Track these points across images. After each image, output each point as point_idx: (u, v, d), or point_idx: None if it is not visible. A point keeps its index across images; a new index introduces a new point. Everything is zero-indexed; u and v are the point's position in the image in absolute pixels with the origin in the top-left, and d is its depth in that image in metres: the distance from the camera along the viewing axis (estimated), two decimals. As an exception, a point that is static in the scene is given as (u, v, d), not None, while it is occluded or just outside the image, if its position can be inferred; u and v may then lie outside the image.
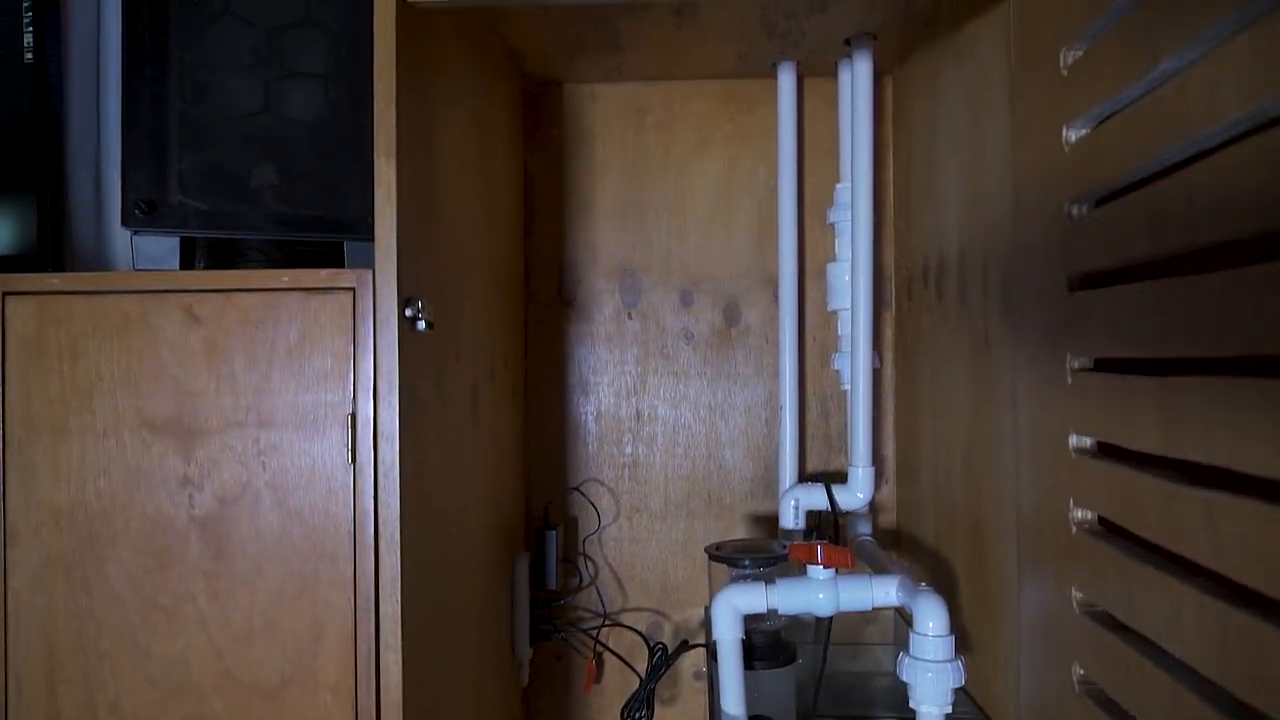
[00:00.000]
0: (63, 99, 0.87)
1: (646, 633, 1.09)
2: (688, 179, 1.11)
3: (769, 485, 1.09)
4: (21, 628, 0.70)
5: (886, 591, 0.77)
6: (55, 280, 0.71)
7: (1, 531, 0.70)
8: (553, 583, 1.06)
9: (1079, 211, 0.55)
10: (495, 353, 0.96)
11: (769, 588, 0.78)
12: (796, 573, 0.81)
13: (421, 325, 0.70)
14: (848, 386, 0.99)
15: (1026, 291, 0.63)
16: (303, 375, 0.69)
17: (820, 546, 0.77)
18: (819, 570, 0.78)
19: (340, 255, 0.77)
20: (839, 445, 1.09)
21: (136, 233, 0.74)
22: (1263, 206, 0.36)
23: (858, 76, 0.95)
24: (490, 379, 0.94)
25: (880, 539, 1.07)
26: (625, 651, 1.09)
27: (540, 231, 1.12)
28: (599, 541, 1.11)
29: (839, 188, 1.02)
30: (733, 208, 1.10)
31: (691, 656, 1.09)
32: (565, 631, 1.09)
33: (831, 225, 1.03)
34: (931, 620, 0.71)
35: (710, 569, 0.92)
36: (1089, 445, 0.54)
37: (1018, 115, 0.64)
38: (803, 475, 1.07)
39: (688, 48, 0.98)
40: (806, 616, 0.80)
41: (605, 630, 1.10)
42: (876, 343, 1.02)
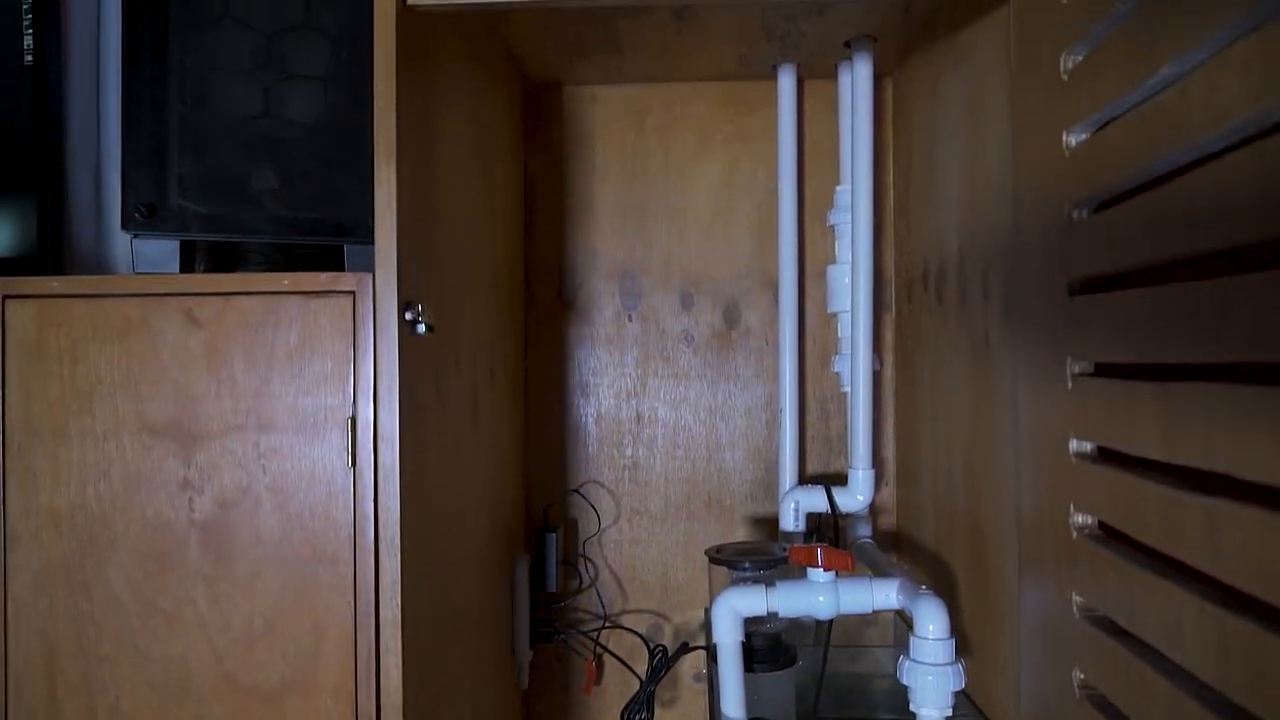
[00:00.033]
0: (63, 101, 0.87)
1: (646, 635, 1.09)
2: (688, 181, 1.11)
3: (769, 487, 1.09)
4: (21, 631, 0.70)
5: (887, 594, 0.77)
6: (55, 283, 0.71)
7: (1, 535, 0.70)
8: (553, 585, 1.06)
9: (1079, 216, 0.55)
10: (495, 355, 0.96)
11: (769, 590, 0.78)
12: (797, 575, 0.81)
13: (422, 328, 0.70)
14: (848, 389, 0.99)
15: (1027, 295, 0.63)
16: (303, 378, 0.69)
17: (820, 549, 0.77)
18: (819, 573, 0.78)
19: (340, 258, 0.77)
20: (839, 447, 1.09)
21: (136, 236, 0.74)
22: (1263, 213, 0.36)
23: (857, 79, 0.95)
24: (490, 381, 0.94)
25: (880, 541, 1.07)
26: (625, 653, 1.09)
27: (540, 234, 1.12)
28: (599, 543, 1.11)
29: (839, 190, 1.02)
30: (733, 210, 1.10)
31: (692, 658, 1.09)
32: (565, 633, 1.09)
33: (831, 227, 1.03)
34: (932, 623, 0.71)
35: (710, 572, 0.92)
36: (1089, 450, 0.54)
37: (1017, 119, 0.64)
38: (803, 477, 1.07)
39: (688, 50, 0.98)
40: (807, 619, 0.80)
41: (605, 632, 1.10)
42: (876, 345, 1.02)
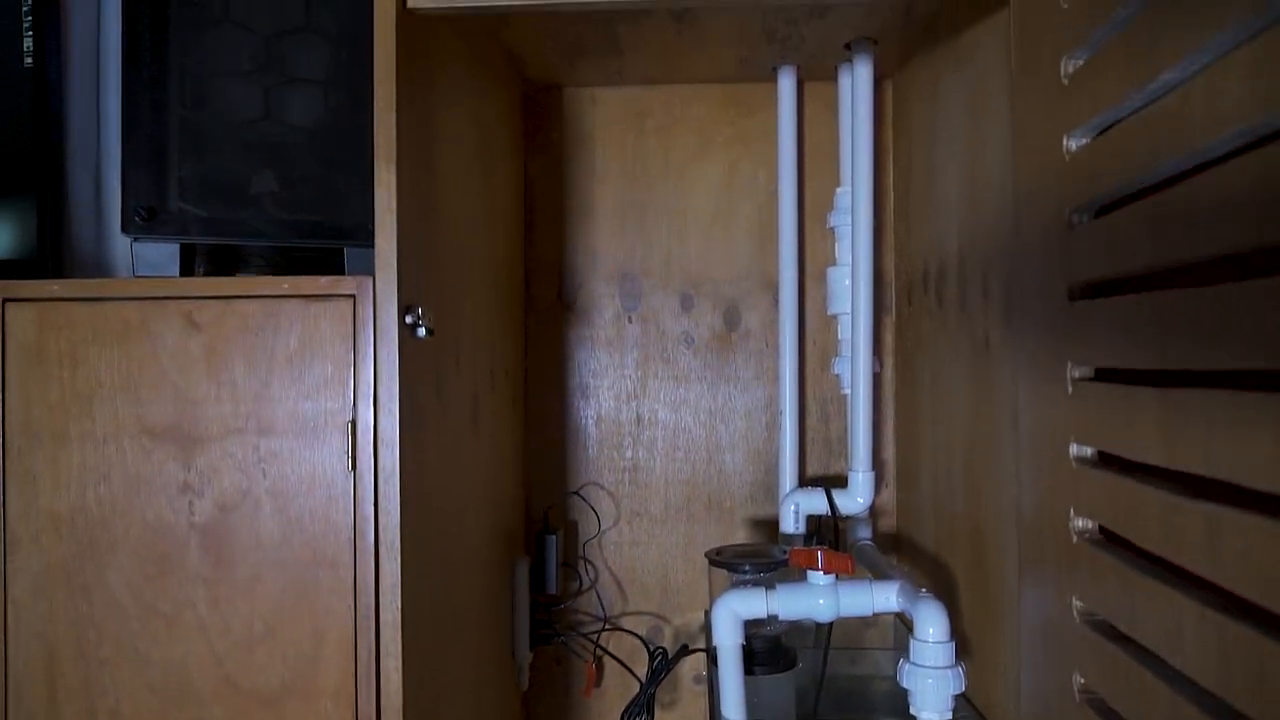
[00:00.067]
0: (62, 102, 0.87)
1: (646, 637, 1.09)
2: (688, 183, 1.11)
3: (769, 489, 1.09)
4: (21, 634, 0.70)
5: (887, 597, 0.77)
6: (55, 287, 0.71)
7: (2, 539, 0.70)
8: (553, 587, 1.06)
9: (1079, 220, 0.55)
10: (495, 357, 0.96)
11: (769, 593, 0.78)
12: (797, 577, 0.81)
13: (422, 332, 0.70)
14: (848, 391, 0.99)
15: (1027, 299, 0.63)
16: (303, 382, 0.69)
17: (821, 552, 0.77)
18: (819, 576, 0.78)
19: (340, 261, 0.77)
20: (839, 449, 1.09)
21: (136, 239, 0.74)
22: (1264, 220, 0.36)
23: (858, 81, 0.95)
24: (490, 384, 0.94)
25: (880, 543, 1.07)
26: (625, 655, 1.09)
27: (540, 235, 1.12)
28: (599, 545, 1.11)
29: (839, 192, 1.02)
30: (733, 212, 1.10)
31: (692, 660, 1.09)
32: (565, 635, 1.09)
33: (832, 229, 1.03)
34: (932, 626, 0.71)
35: (710, 574, 0.92)
36: (1090, 454, 0.54)
37: (1018, 122, 0.64)
38: (803, 479, 1.07)
39: (688, 52, 0.98)
40: (807, 621, 0.80)
41: (605, 634, 1.10)
42: (876, 347, 1.02)
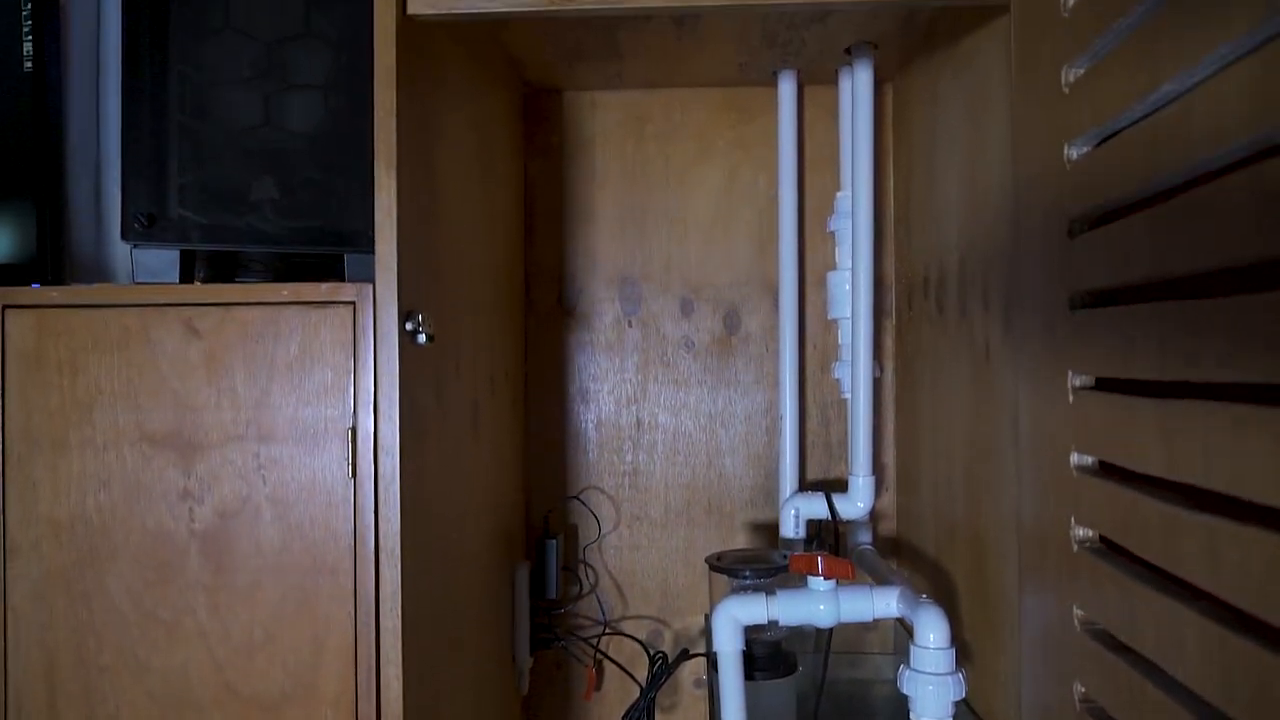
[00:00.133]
0: (62, 107, 0.87)
1: (647, 641, 1.09)
2: (688, 187, 1.10)
3: (769, 493, 1.09)
4: (21, 642, 0.70)
5: (887, 603, 0.77)
6: (54, 293, 0.71)
7: (1, 546, 0.70)
8: (553, 591, 1.06)
9: (1080, 229, 0.55)
10: (495, 362, 0.96)
11: (769, 599, 0.78)
12: (797, 582, 0.80)
13: (422, 339, 0.70)
14: (848, 395, 0.99)
15: (1027, 307, 0.63)
16: (303, 389, 0.69)
17: (821, 558, 0.77)
18: (820, 581, 0.78)
19: (341, 267, 0.76)
20: (839, 453, 1.09)
21: (136, 246, 0.74)
22: (1265, 233, 0.36)
23: (858, 85, 0.95)
24: (490, 389, 0.94)
25: (880, 547, 1.07)
26: (625, 660, 1.09)
27: (540, 240, 1.12)
28: (599, 549, 1.11)
29: (839, 196, 1.02)
30: (733, 216, 1.10)
31: (692, 664, 1.09)
32: (565, 640, 1.09)
33: (832, 233, 1.03)
34: (932, 633, 0.71)
35: (711, 579, 0.92)
36: (1090, 464, 0.54)
37: (1018, 130, 0.64)
38: (803, 484, 1.07)
39: (688, 56, 0.98)
40: (807, 627, 0.80)
41: (605, 638, 1.10)
42: (877, 351, 1.02)
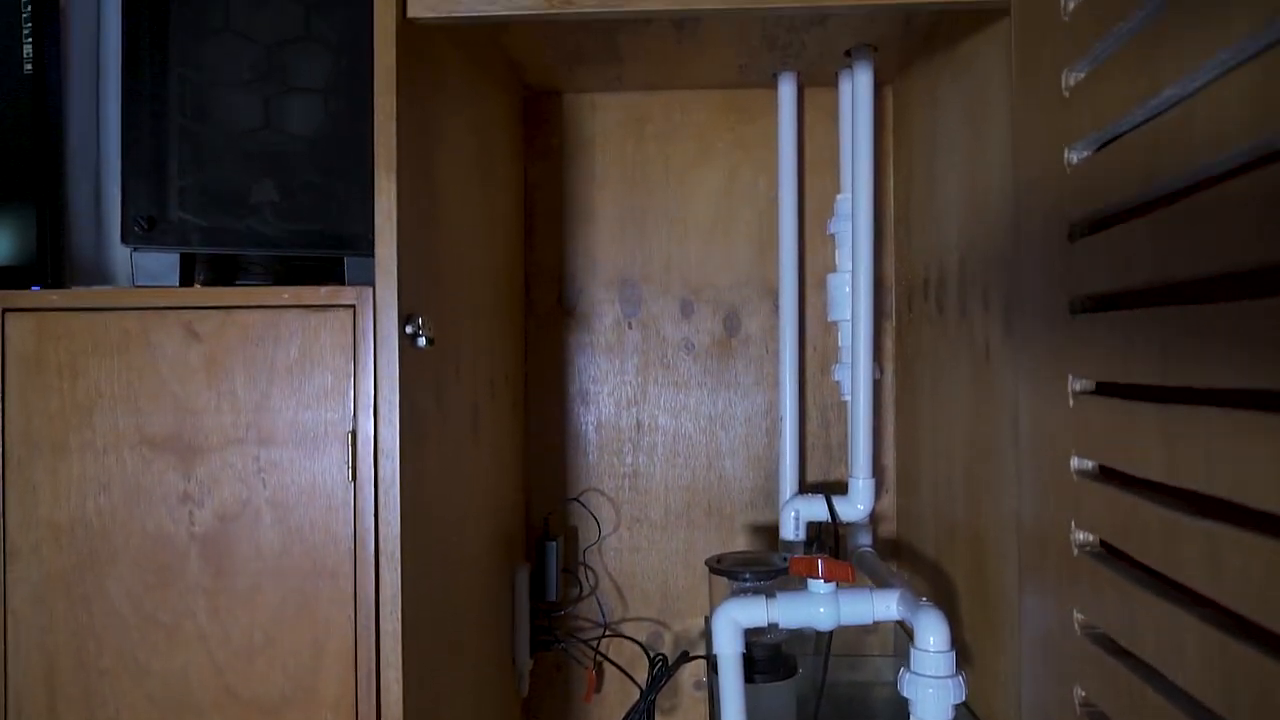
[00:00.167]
0: (62, 110, 0.86)
1: (646, 643, 1.09)
2: (688, 189, 1.10)
3: (769, 495, 1.09)
4: (21, 645, 0.70)
5: (887, 606, 0.77)
6: (55, 297, 0.71)
7: (1, 549, 0.70)
8: (553, 593, 1.06)
9: (1080, 234, 0.55)
10: (495, 364, 0.96)
11: (769, 601, 0.78)
12: (797, 584, 0.80)
13: (422, 342, 0.70)
14: (848, 397, 0.99)
15: (1027, 311, 0.63)
16: (303, 392, 0.69)
17: (821, 561, 0.77)
18: (820, 584, 0.78)
19: (341, 270, 0.76)
20: (839, 455, 1.09)
21: (136, 249, 0.74)
22: (1267, 238, 0.36)
23: (858, 87, 0.95)
24: (490, 391, 0.94)
25: (880, 549, 1.07)
26: (625, 661, 1.09)
27: (540, 241, 1.12)
28: (599, 552, 1.11)
29: (839, 198, 1.02)
30: (733, 218, 1.10)
31: (692, 666, 1.09)
32: (565, 642, 1.09)
33: (832, 235, 1.03)
34: (932, 635, 0.71)
35: (710, 581, 0.92)
36: (1091, 468, 0.54)
37: (1018, 134, 0.64)
38: (803, 486, 1.07)
39: (688, 59, 0.98)
40: (807, 629, 0.80)
41: (605, 640, 1.10)
42: (877, 353, 1.02)
